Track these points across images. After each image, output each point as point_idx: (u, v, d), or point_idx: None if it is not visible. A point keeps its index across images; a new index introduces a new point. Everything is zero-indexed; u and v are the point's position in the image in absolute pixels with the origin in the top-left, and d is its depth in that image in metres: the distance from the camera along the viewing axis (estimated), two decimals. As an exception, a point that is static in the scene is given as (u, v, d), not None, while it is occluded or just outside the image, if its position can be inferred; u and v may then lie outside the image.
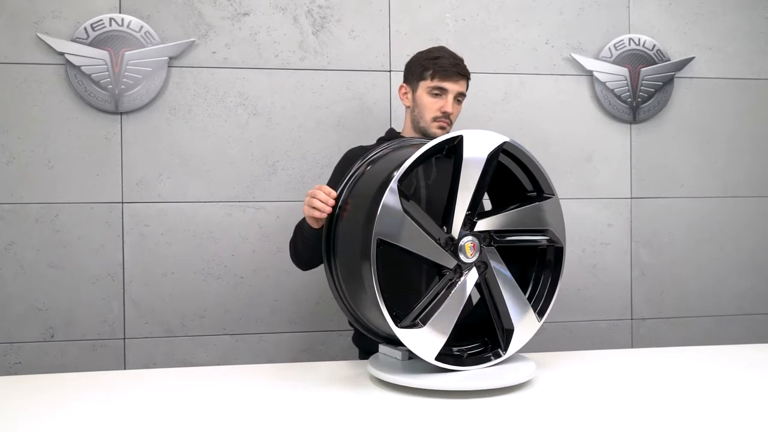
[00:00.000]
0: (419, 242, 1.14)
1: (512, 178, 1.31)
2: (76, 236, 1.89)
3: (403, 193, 1.11)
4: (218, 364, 1.94)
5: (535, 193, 1.31)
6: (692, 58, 2.18)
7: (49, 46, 1.85)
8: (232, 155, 1.96)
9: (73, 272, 1.89)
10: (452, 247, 1.19)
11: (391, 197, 1.10)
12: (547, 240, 1.30)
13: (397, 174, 1.11)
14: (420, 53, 1.60)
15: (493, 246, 1.24)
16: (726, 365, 1.38)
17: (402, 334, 1.10)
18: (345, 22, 2.01)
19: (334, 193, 1.24)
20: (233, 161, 1.96)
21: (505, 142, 1.23)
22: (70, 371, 1.86)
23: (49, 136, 1.87)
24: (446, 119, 1.53)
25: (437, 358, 1.16)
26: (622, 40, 2.13)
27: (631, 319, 2.18)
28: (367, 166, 1.25)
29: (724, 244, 2.23)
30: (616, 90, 2.13)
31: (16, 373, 1.84)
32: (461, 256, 1.19)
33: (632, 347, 2.17)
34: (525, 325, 1.26)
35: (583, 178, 2.15)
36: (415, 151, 1.24)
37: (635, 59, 2.14)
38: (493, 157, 1.21)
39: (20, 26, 1.85)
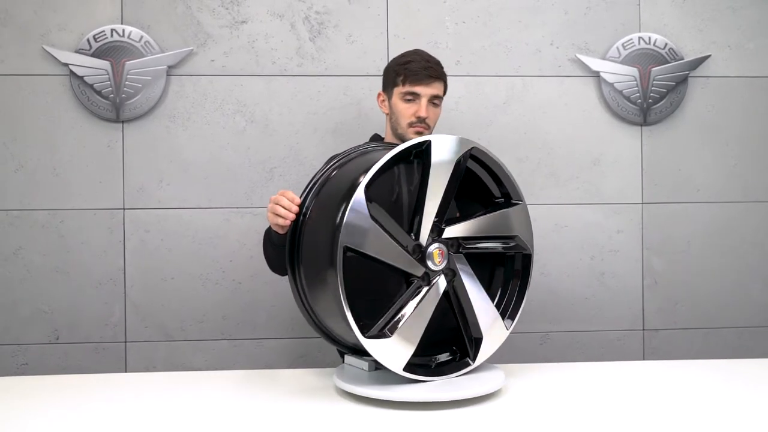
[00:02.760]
0: (386, 250, 1.17)
1: (480, 185, 1.34)
2: (80, 241, 2.02)
3: (370, 199, 1.16)
4: (216, 369, 2.03)
5: (502, 200, 1.34)
6: (708, 56, 2.15)
7: (55, 58, 1.98)
8: (230, 162, 2.05)
9: (77, 276, 2.02)
10: (420, 254, 1.22)
11: (357, 204, 1.13)
12: (515, 247, 1.33)
13: (364, 180, 1.14)
14: (394, 59, 1.64)
15: (461, 253, 1.27)
16: (746, 381, 1.35)
17: (369, 344, 1.14)
18: (342, 28, 2.08)
19: (298, 200, 1.28)
20: (231, 168, 2.05)
21: (473, 147, 1.26)
22: (74, 373, 1.98)
23: (55, 145, 2.00)
24: (422, 124, 1.55)
25: (406, 369, 1.19)
26: (632, 39, 2.13)
27: (643, 329, 2.17)
28: (332, 171, 1.30)
29: (746, 251, 2.19)
30: (624, 91, 2.12)
31: (23, 374, 1.97)
32: (429, 264, 1.21)
33: (644, 359, 2.15)
34: (494, 333, 1.29)
35: (591, 182, 2.15)
36: (382, 156, 1.29)
37: (646, 59, 2.13)
38: (461, 162, 1.25)
39: (28, 39, 1.99)
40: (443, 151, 1.23)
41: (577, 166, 2.14)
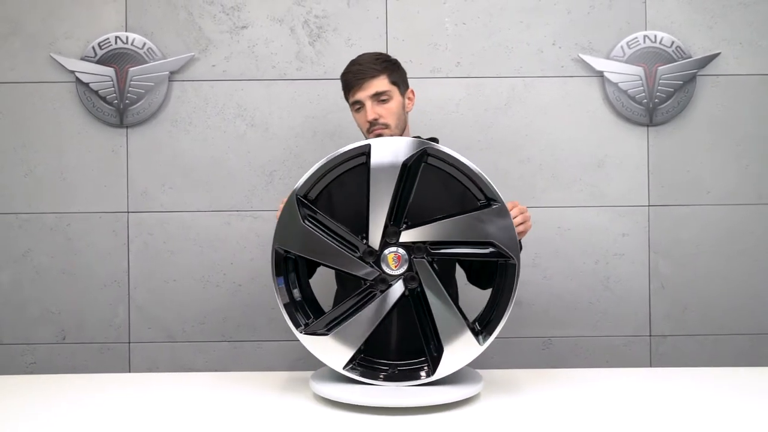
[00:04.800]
0: (325, 253, 1.23)
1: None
2: (86, 244, 2.12)
3: (305, 204, 1.22)
4: (217, 370, 2.11)
5: (486, 202, 1.30)
6: (718, 54, 2.14)
7: (61, 65, 2.09)
8: (230, 165, 2.13)
9: (83, 278, 2.12)
10: (374, 258, 1.26)
11: (288, 209, 1.23)
12: (493, 254, 1.28)
13: (296, 186, 1.25)
14: None
15: (425, 258, 1.27)
16: (758, 390, 1.34)
17: (305, 340, 1.20)
18: (341, 31, 2.14)
19: None
20: (231, 171, 2.13)
21: (426, 148, 1.27)
22: (80, 372, 2.09)
23: (62, 150, 2.11)
24: (376, 126, 1.54)
25: (349, 369, 1.24)
26: (636, 38, 2.13)
27: (650, 335, 2.16)
28: None
29: (759, 255, 2.17)
30: (629, 91, 2.13)
31: (31, 373, 2.09)
32: (384, 268, 1.25)
33: (651, 366, 2.15)
34: (459, 346, 1.25)
35: (595, 185, 2.15)
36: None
37: (651, 57, 2.13)
38: (412, 164, 1.26)
39: (36, 47, 2.10)
40: (386, 154, 1.25)
41: (580, 168, 2.15)
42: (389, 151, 1.25)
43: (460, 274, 1.68)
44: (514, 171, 2.15)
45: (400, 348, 1.37)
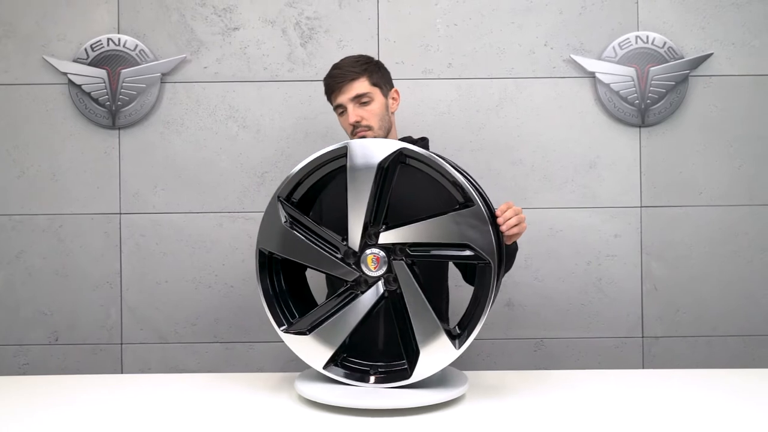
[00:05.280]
0: (308, 254, 1.25)
1: None
2: (78, 245, 2.13)
3: (286, 205, 1.23)
4: (209, 371, 2.12)
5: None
6: (710, 55, 2.14)
7: (54, 67, 2.10)
8: (222, 167, 2.14)
9: (75, 279, 2.14)
10: (355, 259, 1.26)
11: (272, 210, 1.24)
12: (472, 256, 1.26)
13: (279, 189, 1.28)
14: None
15: (403, 260, 1.27)
16: (751, 392, 1.34)
17: (287, 338, 1.22)
18: (333, 33, 2.15)
19: None
20: (223, 173, 2.14)
21: (402, 149, 1.26)
22: (72, 373, 2.10)
23: (55, 152, 2.13)
24: (359, 128, 1.56)
25: (331, 369, 1.25)
26: (628, 39, 2.13)
27: (642, 337, 2.17)
28: None
29: (752, 256, 2.17)
30: (621, 92, 2.13)
31: (24, 374, 2.10)
32: (364, 269, 1.26)
33: (643, 368, 2.15)
34: (435, 349, 1.24)
35: (587, 186, 2.16)
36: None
37: (643, 58, 2.13)
38: (388, 165, 1.27)
39: (30, 49, 2.12)
40: (362, 156, 1.26)
41: (572, 169, 2.16)
42: (365, 153, 1.27)
43: (458, 277, 1.69)
44: (506, 172, 2.15)
45: (387, 349, 1.38)
